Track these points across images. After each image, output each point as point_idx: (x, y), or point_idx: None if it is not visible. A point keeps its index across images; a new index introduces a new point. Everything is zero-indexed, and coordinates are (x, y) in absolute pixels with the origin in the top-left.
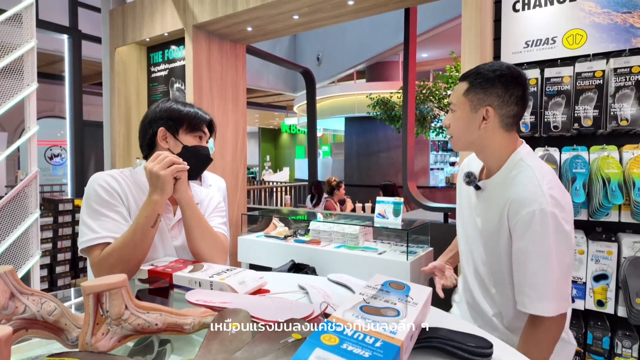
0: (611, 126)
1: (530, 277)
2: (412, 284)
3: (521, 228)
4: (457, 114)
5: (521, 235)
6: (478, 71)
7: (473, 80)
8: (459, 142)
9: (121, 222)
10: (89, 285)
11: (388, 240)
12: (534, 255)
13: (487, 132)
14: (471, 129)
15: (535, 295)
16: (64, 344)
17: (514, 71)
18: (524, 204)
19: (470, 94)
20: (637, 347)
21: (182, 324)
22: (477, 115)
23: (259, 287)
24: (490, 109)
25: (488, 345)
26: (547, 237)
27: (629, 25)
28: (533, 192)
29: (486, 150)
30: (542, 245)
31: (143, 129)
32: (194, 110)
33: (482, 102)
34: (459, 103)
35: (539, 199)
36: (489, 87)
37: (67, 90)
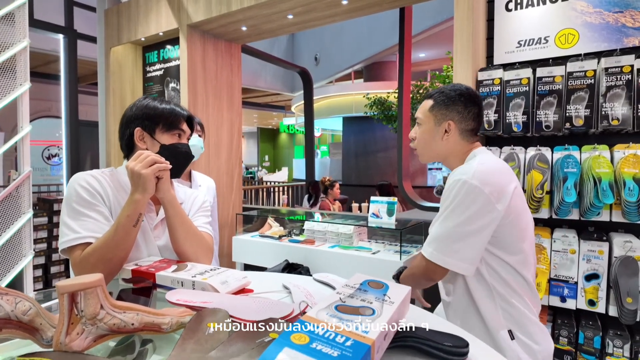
0: (602, 126)
1: (437, 229)
2: (393, 282)
3: (443, 195)
4: (422, 127)
5: (442, 199)
6: (441, 90)
7: (437, 98)
8: (424, 153)
9: (102, 221)
10: (63, 284)
11: (382, 240)
12: (441, 212)
13: (449, 143)
14: (435, 140)
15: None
16: (39, 343)
17: (472, 92)
18: (453, 176)
19: (434, 109)
20: (629, 346)
21: (159, 323)
22: (440, 129)
23: (242, 287)
24: (451, 123)
25: (464, 345)
26: (456, 199)
27: (621, 24)
28: (463, 169)
29: (449, 159)
30: (449, 205)
31: (121, 129)
32: (170, 107)
33: (444, 116)
34: (425, 117)
35: (466, 173)
36: (451, 105)
37: (63, 90)
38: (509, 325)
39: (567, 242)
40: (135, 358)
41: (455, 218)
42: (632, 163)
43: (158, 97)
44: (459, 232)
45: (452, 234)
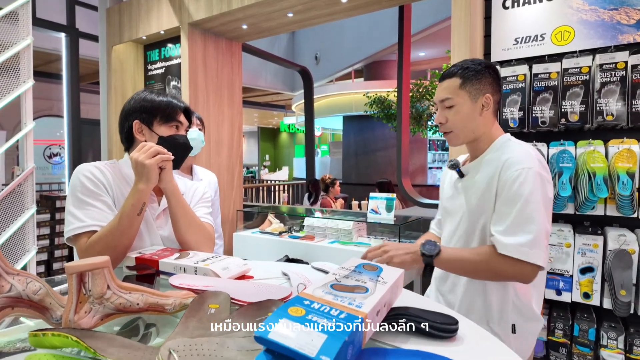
0: (597, 121)
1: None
2: (386, 266)
3: (510, 182)
4: (457, 107)
5: (509, 187)
6: (464, 66)
7: (464, 74)
8: (461, 135)
9: (106, 211)
10: (72, 265)
11: (381, 235)
12: (522, 203)
13: (485, 119)
14: (474, 117)
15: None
16: (49, 322)
17: (492, 64)
18: (514, 163)
19: (467, 85)
20: (623, 338)
21: (163, 304)
22: (477, 105)
23: (242, 273)
24: (489, 96)
25: (454, 322)
26: (536, 190)
27: (616, 22)
28: (523, 155)
29: (481, 137)
30: (531, 196)
31: (120, 123)
32: (167, 100)
33: (480, 91)
34: (457, 97)
35: (528, 160)
36: (482, 78)
37: (65, 89)
38: (515, 319)
39: (563, 236)
40: (140, 340)
41: (536, 210)
42: (626, 158)
43: (146, 89)
44: (545, 226)
45: (542, 229)
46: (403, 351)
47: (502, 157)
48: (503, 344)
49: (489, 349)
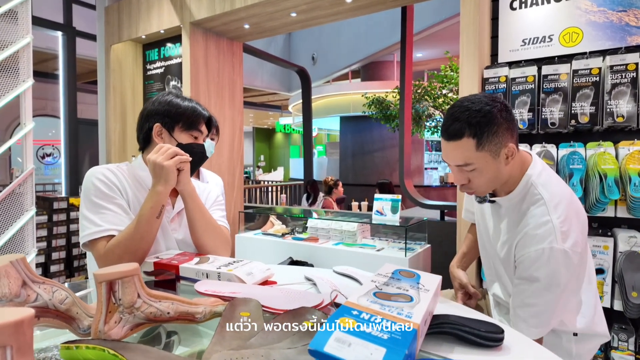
0: (607, 123)
1: (532, 307)
2: (422, 272)
3: (528, 262)
4: (478, 170)
5: (527, 267)
6: (470, 122)
7: (475, 131)
8: (487, 190)
9: (122, 214)
10: (101, 273)
11: (386, 237)
12: (539, 288)
13: (512, 165)
14: (500, 172)
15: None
16: (75, 332)
17: (495, 98)
18: (533, 241)
19: (484, 145)
20: (633, 340)
21: (193, 312)
22: (500, 159)
23: (266, 279)
24: (510, 145)
25: (499, 331)
26: (557, 273)
27: (625, 23)
28: (544, 230)
29: (506, 182)
30: (550, 280)
31: (140, 122)
32: (192, 106)
33: (499, 145)
34: (477, 160)
35: (549, 238)
36: (496, 127)
37: (62, 88)
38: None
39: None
40: (163, 349)
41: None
42: (637, 159)
43: (171, 92)
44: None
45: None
46: None
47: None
48: (551, 353)
49: (536, 356)
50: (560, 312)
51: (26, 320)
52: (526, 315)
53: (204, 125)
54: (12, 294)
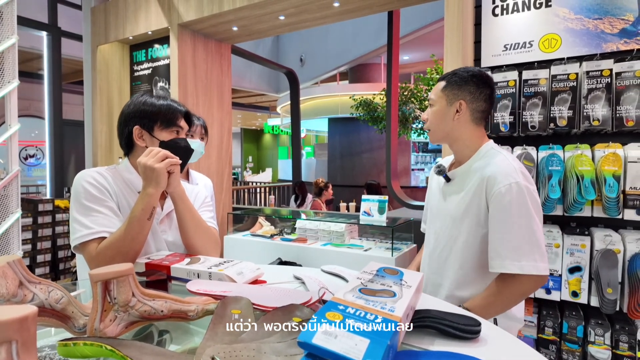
0: (584, 126)
1: (512, 241)
2: (405, 269)
3: (499, 199)
4: (435, 107)
5: (499, 205)
6: (454, 72)
7: (450, 79)
8: (435, 134)
9: (112, 216)
10: (97, 273)
11: (373, 237)
12: (515, 221)
13: (459, 124)
14: (446, 120)
15: (516, 256)
16: (71, 331)
17: (484, 74)
18: (499, 178)
19: (447, 90)
20: (609, 334)
21: (186, 310)
22: (451, 108)
23: (256, 278)
24: (463, 103)
25: (477, 324)
26: (525, 205)
27: (600, 31)
28: (507, 169)
29: (458, 142)
30: (522, 212)
31: (120, 127)
32: (167, 104)
33: (456, 96)
34: (437, 98)
35: (513, 174)
36: (463, 85)
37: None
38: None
39: (552, 236)
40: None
41: (528, 222)
42: (611, 161)
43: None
44: (537, 234)
45: (534, 239)
46: (434, 353)
47: (485, 170)
48: (525, 344)
49: (512, 348)
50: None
51: (30, 317)
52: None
53: (182, 120)
54: (9, 294)
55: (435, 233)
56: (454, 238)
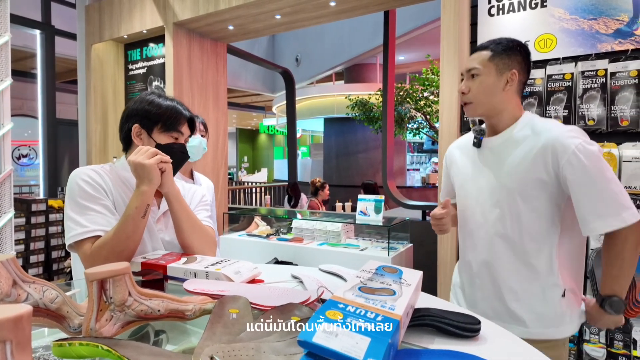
0: (579, 125)
1: (605, 196)
2: (404, 268)
3: (575, 161)
4: (481, 77)
5: (578, 167)
6: (497, 41)
7: (496, 48)
8: (480, 106)
9: (108, 215)
10: (93, 272)
11: (369, 237)
12: (601, 180)
13: (507, 95)
14: (495, 91)
15: (612, 211)
16: (66, 331)
17: (526, 45)
18: (566, 141)
19: (495, 59)
20: (604, 333)
21: (183, 310)
22: (502, 79)
23: (253, 277)
24: (515, 72)
25: (476, 322)
26: (601, 159)
27: (595, 31)
28: (568, 130)
29: (502, 113)
30: (601, 166)
31: (121, 122)
32: (173, 106)
33: (507, 66)
34: (484, 68)
35: (575, 134)
36: (512, 54)
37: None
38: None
39: None
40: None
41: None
42: (607, 161)
43: (154, 92)
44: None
45: (619, 189)
46: (434, 351)
47: (544, 136)
48: (525, 342)
49: (512, 346)
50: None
51: (25, 316)
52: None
53: (185, 125)
54: (2, 294)
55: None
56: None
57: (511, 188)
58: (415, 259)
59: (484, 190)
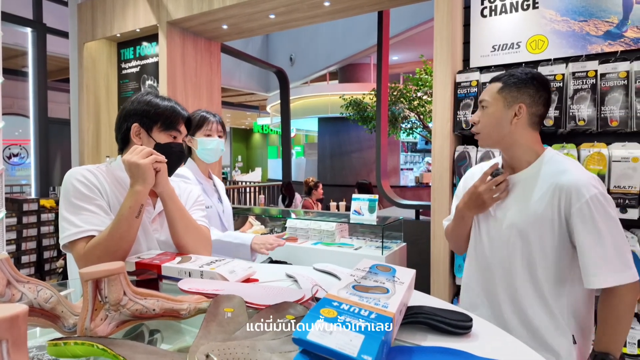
0: (570, 126)
1: (606, 253)
2: (397, 266)
3: (587, 211)
4: (489, 109)
5: (589, 218)
6: (511, 73)
7: (507, 80)
8: (489, 137)
9: (103, 215)
10: (88, 271)
11: (363, 236)
12: (605, 233)
13: (517, 128)
14: (503, 124)
15: (611, 267)
16: (61, 331)
17: (543, 77)
18: (583, 189)
19: (504, 91)
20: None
21: (178, 309)
22: (509, 111)
23: (248, 276)
24: (522, 106)
25: (468, 319)
26: (612, 215)
27: (585, 32)
28: (587, 178)
29: (515, 146)
30: (610, 223)
31: (118, 122)
32: (172, 106)
33: (515, 99)
34: (493, 100)
35: (594, 184)
36: (522, 87)
37: (31, 86)
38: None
39: None
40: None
41: (615, 231)
42: (596, 160)
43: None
44: (625, 242)
45: (625, 248)
46: (427, 348)
47: (561, 179)
48: (516, 339)
49: (503, 343)
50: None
51: (21, 315)
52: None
53: (183, 125)
54: None
55: (490, 243)
56: (519, 249)
57: (519, 226)
58: (408, 258)
59: (492, 226)
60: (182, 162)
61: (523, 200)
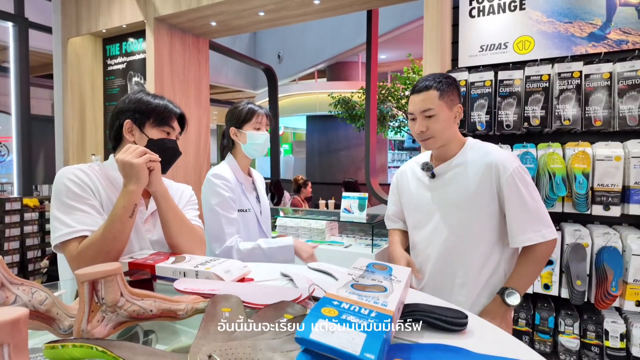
0: (556, 125)
1: (531, 216)
2: (393, 265)
3: (512, 182)
4: (440, 116)
5: (513, 188)
6: (438, 80)
7: (440, 86)
8: (440, 140)
9: (95, 215)
10: (84, 273)
11: (353, 234)
12: (529, 199)
13: (455, 126)
14: (450, 124)
15: (537, 227)
16: (56, 333)
17: (455, 78)
18: (507, 165)
19: (444, 97)
20: (578, 324)
21: (175, 309)
22: (452, 113)
23: (243, 276)
24: (460, 106)
25: (464, 316)
26: (531, 182)
27: (570, 34)
28: (507, 155)
29: (452, 142)
30: (531, 190)
31: (111, 120)
32: (164, 103)
33: (453, 102)
34: (438, 106)
35: (514, 159)
36: (454, 90)
37: (13, 83)
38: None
39: None
40: None
41: (535, 195)
42: (581, 159)
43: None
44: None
45: (543, 210)
46: (425, 345)
47: (488, 158)
48: (511, 335)
49: (498, 339)
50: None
51: (22, 319)
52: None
53: (175, 121)
54: None
55: (434, 226)
56: (464, 223)
57: (458, 204)
58: None
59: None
60: (176, 158)
61: (450, 184)
